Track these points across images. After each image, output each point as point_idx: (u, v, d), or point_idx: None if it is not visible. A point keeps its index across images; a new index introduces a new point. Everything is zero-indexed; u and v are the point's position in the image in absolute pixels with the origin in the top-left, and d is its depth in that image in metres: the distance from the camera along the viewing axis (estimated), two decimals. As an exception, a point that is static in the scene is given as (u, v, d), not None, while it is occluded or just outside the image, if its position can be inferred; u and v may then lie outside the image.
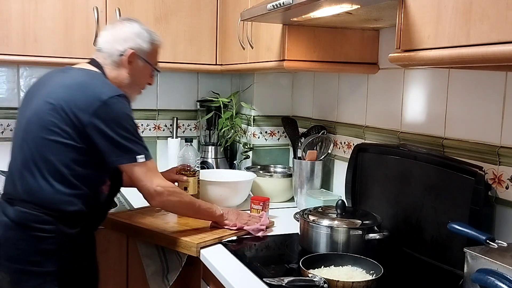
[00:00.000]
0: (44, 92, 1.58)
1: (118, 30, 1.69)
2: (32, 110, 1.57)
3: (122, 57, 1.67)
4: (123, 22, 1.73)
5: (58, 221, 1.53)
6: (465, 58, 1.01)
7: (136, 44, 1.69)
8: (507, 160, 1.41)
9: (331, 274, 1.36)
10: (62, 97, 1.53)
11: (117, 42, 1.67)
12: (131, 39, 1.68)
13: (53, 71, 1.70)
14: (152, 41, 1.73)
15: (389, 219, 1.69)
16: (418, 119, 1.75)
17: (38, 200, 1.52)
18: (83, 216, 1.58)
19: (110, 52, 1.67)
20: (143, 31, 1.71)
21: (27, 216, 1.52)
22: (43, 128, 1.53)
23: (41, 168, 1.52)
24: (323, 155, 2.22)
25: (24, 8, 2.16)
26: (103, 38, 1.71)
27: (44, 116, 1.53)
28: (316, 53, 1.89)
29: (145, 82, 1.78)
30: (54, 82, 1.61)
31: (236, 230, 1.77)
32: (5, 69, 2.47)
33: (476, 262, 1.15)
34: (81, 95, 1.53)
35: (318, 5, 1.43)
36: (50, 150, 1.52)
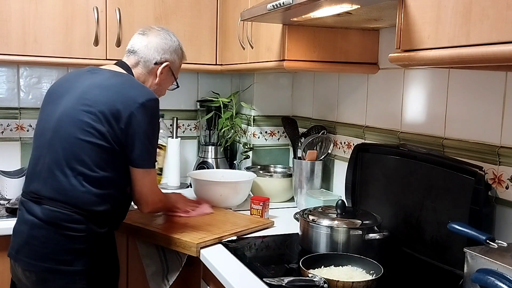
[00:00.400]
0: (76, 93, 1.59)
1: (160, 39, 1.75)
2: (64, 110, 1.58)
3: (156, 65, 1.73)
4: (165, 32, 1.79)
5: (88, 221, 1.54)
6: (465, 58, 1.00)
7: (172, 58, 1.77)
8: (507, 160, 1.41)
9: (331, 274, 1.36)
10: (99, 99, 1.55)
11: (156, 50, 1.73)
12: (169, 52, 1.76)
13: (78, 72, 1.71)
14: (183, 59, 1.84)
15: (389, 219, 1.69)
16: (418, 119, 1.75)
17: (69, 199, 1.53)
18: (110, 215, 1.60)
19: (146, 57, 1.72)
20: (179, 47, 1.81)
21: (57, 215, 1.52)
22: (78, 128, 1.54)
23: (74, 168, 1.53)
24: (323, 155, 2.22)
25: (24, 8, 2.15)
26: (141, 42, 1.74)
27: (79, 117, 1.54)
28: (316, 53, 1.89)
29: (164, 92, 1.86)
30: (85, 83, 1.62)
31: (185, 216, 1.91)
32: (5, 69, 2.47)
33: (476, 262, 1.15)
34: (118, 97, 1.55)
35: (318, 5, 1.43)
36: (84, 150, 1.53)
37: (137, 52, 1.72)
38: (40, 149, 1.61)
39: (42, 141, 1.61)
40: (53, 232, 1.52)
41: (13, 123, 2.50)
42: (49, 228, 1.52)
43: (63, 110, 1.58)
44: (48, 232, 1.52)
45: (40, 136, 1.63)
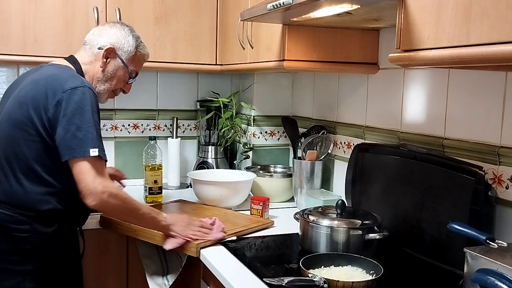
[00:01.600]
0: (16, 91, 1.60)
1: (107, 28, 1.72)
2: (4, 111, 1.59)
3: (100, 50, 1.68)
4: (116, 24, 1.76)
5: (33, 221, 1.53)
6: (465, 58, 1.01)
7: (119, 43, 1.70)
8: (507, 160, 1.41)
9: (331, 274, 1.36)
10: (30, 94, 1.53)
11: (101, 36, 1.70)
12: (116, 37, 1.71)
13: (29, 70, 1.72)
14: (137, 47, 1.75)
15: (389, 219, 1.69)
16: (418, 119, 1.75)
17: (12, 200, 1.53)
18: (59, 214, 1.57)
19: (91, 44, 1.70)
20: (131, 37, 1.74)
21: (3, 217, 1.52)
22: (14, 126, 1.53)
23: (14, 167, 1.53)
24: (323, 155, 2.22)
25: (24, 8, 2.15)
26: (90, 32, 1.75)
27: (14, 115, 1.53)
28: (316, 53, 1.89)
29: (118, 85, 1.75)
30: (25, 80, 1.62)
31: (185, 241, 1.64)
32: (5, 69, 2.47)
33: (476, 262, 1.15)
34: (47, 89, 1.52)
35: (318, 5, 1.43)
36: (20, 147, 1.51)
37: (86, 41, 1.73)
38: None
39: None
40: (1, 234, 1.52)
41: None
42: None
43: (4, 111, 1.59)
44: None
45: None
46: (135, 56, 1.74)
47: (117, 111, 2.66)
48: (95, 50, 1.69)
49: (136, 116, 2.69)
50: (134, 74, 1.77)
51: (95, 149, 1.47)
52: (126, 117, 2.67)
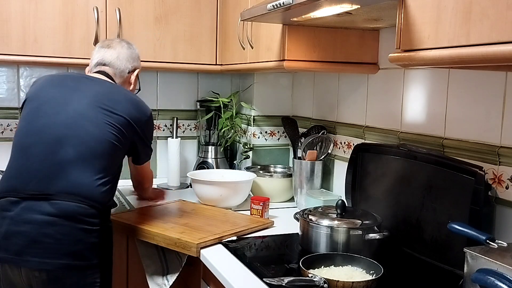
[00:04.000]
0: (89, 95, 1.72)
1: (126, 50, 1.94)
2: (78, 110, 1.68)
3: (129, 74, 1.95)
4: (126, 42, 1.97)
5: (101, 215, 1.63)
6: (465, 58, 1.01)
7: (139, 64, 2.00)
8: (507, 160, 1.41)
9: (331, 274, 1.36)
10: (117, 106, 1.73)
11: (127, 60, 1.93)
12: (135, 59, 1.98)
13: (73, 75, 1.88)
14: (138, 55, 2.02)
15: (389, 219, 1.69)
16: (418, 119, 1.75)
17: (85, 193, 1.59)
18: (110, 210, 1.74)
19: (120, 68, 1.91)
20: (135, 50, 2.00)
21: (74, 209, 1.57)
22: (98, 128, 1.67)
23: (90, 164, 1.63)
24: (323, 155, 2.22)
25: (24, 8, 2.16)
26: (112, 54, 1.90)
27: (100, 118, 1.68)
28: (316, 53, 1.89)
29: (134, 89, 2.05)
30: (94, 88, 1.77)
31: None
32: (5, 69, 2.47)
33: (476, 262, 1.15)
34: (132, 107, 1.78)
35: (318, 5, 1.43)
36: (102, 149, 1.66)
37: (110, 64, 1.89)
38: (40, 146, 1.62)
39: (45, 139, 1.63)
40: (68, 227, 1.55)
41: (13, 123, 2.50)
42: (63, 223, 1.55)
43: (76, 109, 1.68)
44: (63, 228, 1.55)
45: (39, 134, 1.64)
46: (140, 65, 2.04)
47: (117, 111, 2.65)
48: (125, 74, 1.93)
49: (136, 116, 2.69)
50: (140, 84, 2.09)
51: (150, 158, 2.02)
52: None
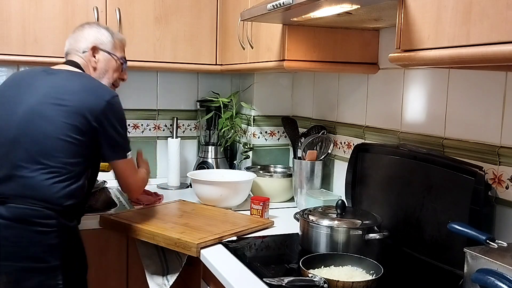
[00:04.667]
0: (41, 91, 1.63)
1: (79, 33, 1.83)
2: (29, 108, 1.60)
3: (86, 53, 1.80)
4: (84, 26, 1.85)
5: (59, 215, 1.57)
6: (465, 58, 1.00)
7: (98, 39, 1.82)
8: (507, 160, 1.41)
9: (331, 274, 1.36)
10: (68, 97, 1.62)
11: (79, 42, 1.80)
12: (92, 36, 1.81)
13: (31, 71, 1.78)
14: (113, 36, 1.86)
15: (389, 219, 1.69)
16: (418, 119, 1.75)
17: (39, 195, 1.55)
18: (76, 209, 1.65)
19: (74, 51, 1.80)
20: (103, 30, 1.85)
21: (27, 212, 1.53)
22: (49, 124, 1.58)
23: (44, 163, 1.56)
24: (323, 155, 2.22)
25: (24, 8, 2.15)
26: (67, 43, 1.84)
27: (50, 113, 1.59)
28: (316, 53, 1.89)
29: (114, 75, 1.86)
30: (47, 82, 1.67)
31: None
32: (5, 69, 2.47)
33: (476, 262, 1.15)
34: (87, 95, 1.65)
35: (318, 5, 1.43)
36: (56, 146, 1.58)
37: (70, 51, 1.81)
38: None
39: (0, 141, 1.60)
40: (24, 230, 1.53)
41: (13, 123, 2.49)
42: (18, 227, 1.53)
43: (28, 107, 1.60)
44: (19, 231, 1.53)
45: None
46: (115, 44, 1.85)
47: (117, 111, 2.66)
48: (81, 54, 1.79)
49: (136, 116, 2.69)
50: (123, 59, 1.88)
51: (129, 153, 1.76)
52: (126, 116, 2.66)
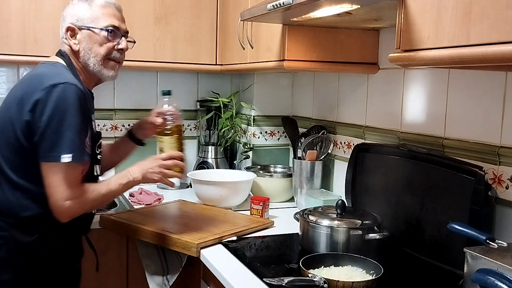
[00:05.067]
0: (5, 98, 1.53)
1: (62, 15, 1.62)
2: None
3: (65, 38, 1.59)
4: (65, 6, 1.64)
5: (12, 227, 1.44)
6: (465, 58, 1.00)
7: (73, 17, 1.57)
8: (507, 160, 1.41)
9: (331, 274, 1.36)
10: (14, 95, 1.48)
11: (61, 28, 1.60)
12: (68, 15, 1.59)
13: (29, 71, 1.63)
14: (91, 6, 1.57)
15: (389, 219, 1.69)
16: (418, 119, 1.75)
17: None
18: (42, 222, 1.47)
19: (61, 39, 1.61)
20: (80, 2, 1.59)
21: None
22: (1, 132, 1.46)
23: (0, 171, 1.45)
24: (323, 155, 2.22)
25: (24, 8, 2.15)
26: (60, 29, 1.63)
27: (2, 120, 1.46)
28: (316, 53, 1.89)
29: (102, 50, 1.56)
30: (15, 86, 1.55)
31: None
32: (5, 69, 2.47)
33: (476, 262, 1.15)
34: (24, 87, 1.46)
35: (318, 5, 1.43)
36: (3, 154, 1.45)
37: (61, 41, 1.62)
38: None
39: None
40: None
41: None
42: None
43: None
44: None
45: None
46: (95, 14, 1.56)
47: (117, 111, 2.66)
48: (64, 40, 1.59)
49: (136, 116, 2.69)
50: (110, 28, 1.57)
51: (68, 154, 1.39)
52: (126, 117, 2.67)
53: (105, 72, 1.60)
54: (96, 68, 1.58)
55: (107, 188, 1.55)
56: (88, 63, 1.57)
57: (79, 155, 1.43)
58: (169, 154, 1.65)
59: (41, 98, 1.40)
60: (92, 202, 1.52)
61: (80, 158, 1.44)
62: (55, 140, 1.40)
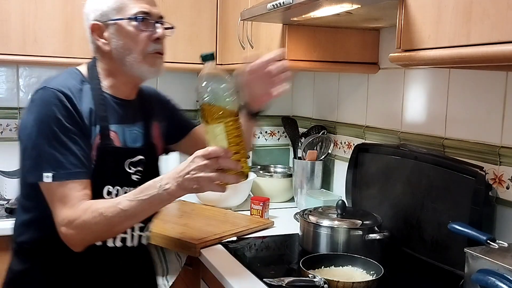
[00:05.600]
0: None
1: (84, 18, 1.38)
2: None
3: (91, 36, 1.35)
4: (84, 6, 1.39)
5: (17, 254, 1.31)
6: (466, 58, 1.00)
7: (96, 13, 1.32)
8: (508, 160, 1.41)
9: (331, 274, 1.36)
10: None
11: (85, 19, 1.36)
12: (89, 13, 1.34)
13: None
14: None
15: (389, 219, 1.69)
16: (419, 119, 1.74)
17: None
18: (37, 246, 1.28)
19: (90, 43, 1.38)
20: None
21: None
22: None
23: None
24: (323, 155, 2.21)
25: (24, 8, 2.15)
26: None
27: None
28: (316, 53, 1.88)
29: (141, 42, 1.31)
30: None
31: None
32: (5, 69, 2.47)
33: (476, 262, 1.14)
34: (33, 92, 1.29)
35: (318, 5, 1.42)
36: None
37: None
38: None
39: None
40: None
41: (13, 123, 2.49)
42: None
43: None
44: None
45: None
46: (120, 3, 1.31)
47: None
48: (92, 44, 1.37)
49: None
50: (140, 16, 1.31)
51: (48, 173, 1.18)
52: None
53: (145, 70, 1.33)
54: (135, 67, 1.32)
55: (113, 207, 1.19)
56: (124, 63, 1.31)
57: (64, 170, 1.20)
58: (213, 149, 1.17)
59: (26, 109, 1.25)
60: (94, 225, 1.18)
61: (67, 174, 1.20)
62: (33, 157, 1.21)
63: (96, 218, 1.18)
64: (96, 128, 1.27)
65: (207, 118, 1.19)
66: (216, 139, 1.19)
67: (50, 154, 1.19)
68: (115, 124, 1.32)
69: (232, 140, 1.19)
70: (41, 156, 1.19)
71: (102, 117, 1.28)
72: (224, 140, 1.18)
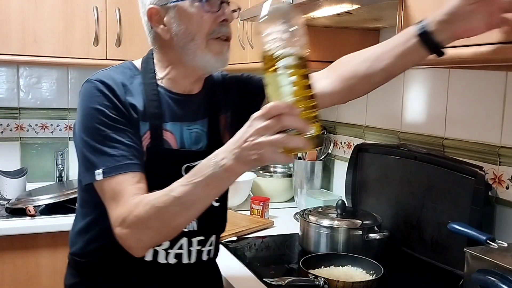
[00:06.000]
0: None
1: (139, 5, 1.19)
2: None
3: (148, 24, 1.17)
4: None
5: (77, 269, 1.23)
6: (465, 58, 1.00)
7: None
8: (508, 160, 1.41)
9: (331, 274, 1.36)
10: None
11: (142, 18, 1.19)
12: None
13: None
14: None
15: (389, 219, 1.69)
16: (418, 119, 1.74)
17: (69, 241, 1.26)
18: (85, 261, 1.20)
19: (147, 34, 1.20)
20: None
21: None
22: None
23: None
24: (323, 155, 2.22)
25: (23, 8, 2.15)
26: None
27: None
28: (316, 53, 1.88)
29: (206, 25, 1.12)
30: None
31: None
32: (5, 69, 2.47)
33: (476, 262, 1.14)
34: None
35: (318, 5, 1.42)
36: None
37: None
38: None
39: None
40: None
41: (13, 123, 2.50)
42: None
43: None
44: None
45: None
46: None
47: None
48: (146, 28, 1.19)
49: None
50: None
51: (98, 170, 1.05)
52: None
53: (209, 59, 1.17)
54: (198, 56, 1.14)
55: (166, 195, 0.99)
56: (186, 52, 1.13)
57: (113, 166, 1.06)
58: (274, 104, 0.87)
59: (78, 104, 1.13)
60: (147, 220, 1.00)
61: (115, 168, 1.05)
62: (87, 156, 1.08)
63: (148, 212, 0.99)
64: (145, 124, 1.12)
65: (267, 64, 0.91)
66: (278, 92, 0.90)
67: (98, 150, 1.06)
68: (171, 122, 1.16)
69: (299, 92, 0.89)
70: (91, 153, 1.07)
71: (153, 114, 1.13)
72: (289, 93, 0.89)
